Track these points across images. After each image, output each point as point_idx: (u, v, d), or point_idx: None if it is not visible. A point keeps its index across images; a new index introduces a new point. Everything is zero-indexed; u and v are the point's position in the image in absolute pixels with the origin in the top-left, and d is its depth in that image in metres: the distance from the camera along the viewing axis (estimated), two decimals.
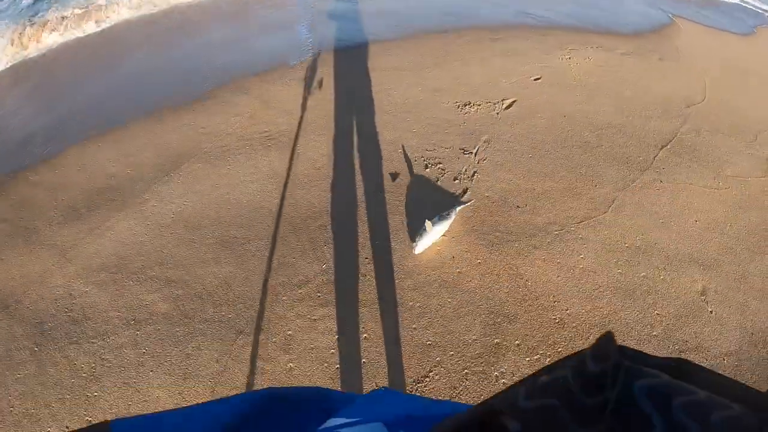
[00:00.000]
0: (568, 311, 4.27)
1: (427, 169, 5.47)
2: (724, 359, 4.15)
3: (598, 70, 7.40)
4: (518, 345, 4.04)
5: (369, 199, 5.18)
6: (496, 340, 4.06)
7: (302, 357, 3.94)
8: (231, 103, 6.80)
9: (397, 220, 4.94)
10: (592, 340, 4.12)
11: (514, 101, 6.56)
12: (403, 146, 5.83)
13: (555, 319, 4.21)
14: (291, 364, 3.90)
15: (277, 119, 6.37)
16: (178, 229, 5.00)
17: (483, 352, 3.99)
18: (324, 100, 6.64)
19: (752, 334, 4.36)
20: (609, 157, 5.73)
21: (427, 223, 4.61)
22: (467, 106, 6.47)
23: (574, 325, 4.19)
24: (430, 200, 5.13)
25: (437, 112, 6.38)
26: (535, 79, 7.07)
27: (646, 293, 4.48)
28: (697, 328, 4.33)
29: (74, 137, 6.58)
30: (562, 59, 7.65)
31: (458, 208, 4.92)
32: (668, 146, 5.99)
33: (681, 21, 9.18)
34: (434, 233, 4.59)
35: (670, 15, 9.41)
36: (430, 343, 4.02)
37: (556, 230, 4.85)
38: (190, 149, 6.00)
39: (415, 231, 4.70)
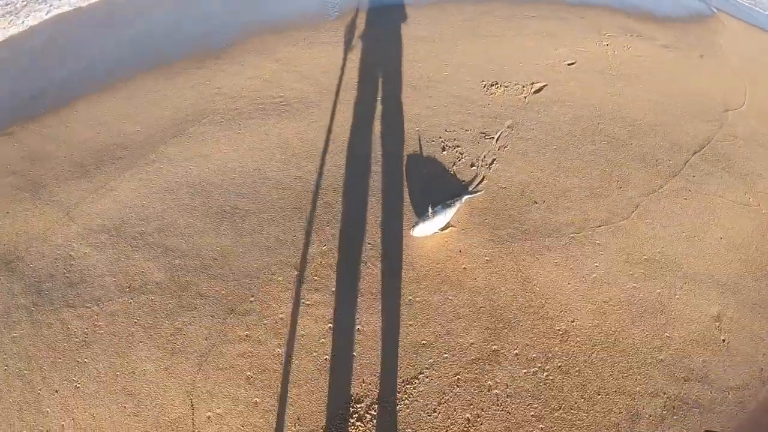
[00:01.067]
0: (574, 323, 3.95)
1: (445, 152, 5.06)
2: (728, 393, 3.85)
3: (636, 61, 6.82)
4: (516, 355, 3.74)
5: (380, 178, 4.82)
6: (494, 347, 3.76)
7: (292, 344, 3.72)
8: (248, 64, 6.33)
9: (407, 203, 4.58)
10: (594, 358, 3.86)
11: (544, 86, 6.04)
12: (422, 125, 5.40)
13: (559, 330, 3.89)
14: (279, 349, 3.68)
15: (294, 84, 5.91)
16: (182, 193, 4.74)
17: (479, 358, 3.69)
18: (346, 67, 6.14)
19: (762, 369, 4.06)
20: (638, 158, 5.28)
21: (430, 210, 4.25)
22: (494, 87, 5.97)
23: (578, 339, 3.87)
24: (442, 185, 4.76)
25: (462, 90, 5.90)
26: (569, 64, 6.52)
27: (659, 312, 4.14)
28: (707, 357, 4.02)
29: (86, 90, 6.33)
30: (599, 45, 7.07)
31: (465, 198, 4.55)
32: (701, 152, 5.52)
33: (725, 16, 8.49)
34: (436, 221, 4.23)
35: (714, 8, 8.72)
36: (425, 342, 3.72)
37: (572, 232, 4.46)
38: (202, 110, 5.61)
39: (420, 216, 4.35)
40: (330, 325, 3.79)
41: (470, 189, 4.69)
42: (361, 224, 4.41)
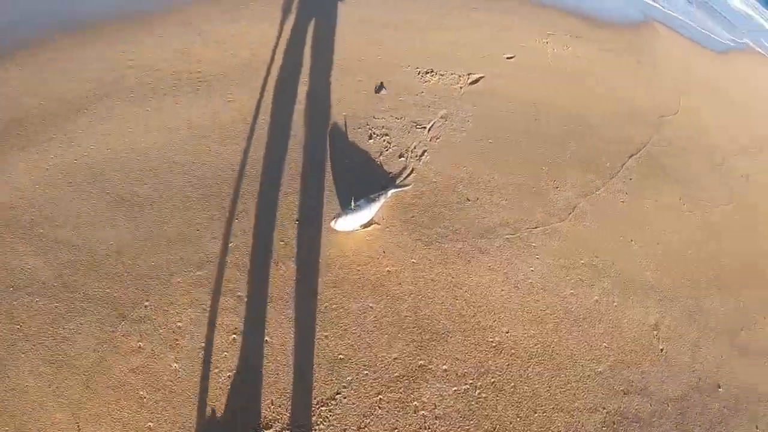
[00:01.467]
0: (509, 333, 3.51)
1: (372, 140, 4.52)
2: (668, 405, 3.57)
3: (575, 61, 6.64)
4: (446, 370, 3.24)
5: (300, 167, 4.21)
6: (420, 362, 3.23)
7: (190, 357, 3.07)
8: (169, 36, 5.54)
9: (327, 196, 4.00)
10: (530, 372, 3.44)
11: (481, 77, 5.66)
12: (349, 109, 4.86)
13: (493, 342, 3.44)
14: (176, 364, 3.01)
15: (215, 60, 5.24)
16: (78, 177, 3.96)
17: (403, 374, 3.16)
18: (273, 45, 5.49)
19: (699, 379, 3.83)
20: (576, 158, 5.00)
21: (353, 203, 3.71)
22: (429, 75, 5.52)
23: (513, 351, 3.44)
24: (367, 176, 4.22)
25: (395, 76, 5.40)
26: (509, 58, 6.19)
27: (597, 321, 3.81)
28: (645, 368, 3.73)
29: None
30: (539, 42, 6.81)
31: (391, 192, 4.03)
32: (637, 155, 5.35)
33: (660, 26, 8.64)
34: (360, 216, 3.68)
35: (652, 18, 8.89)
36: (342, 357, 3.14)
37: (507, 234, 4.06)
38: (112, 83, 4.83)
39: (343, 208, 3.79)
40: (234, 336, 3.13)
41: (398, 182, 4.18)
42: (275, 218, 3.78)
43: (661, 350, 3.90)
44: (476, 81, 5.55)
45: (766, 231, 5.39)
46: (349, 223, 3.62)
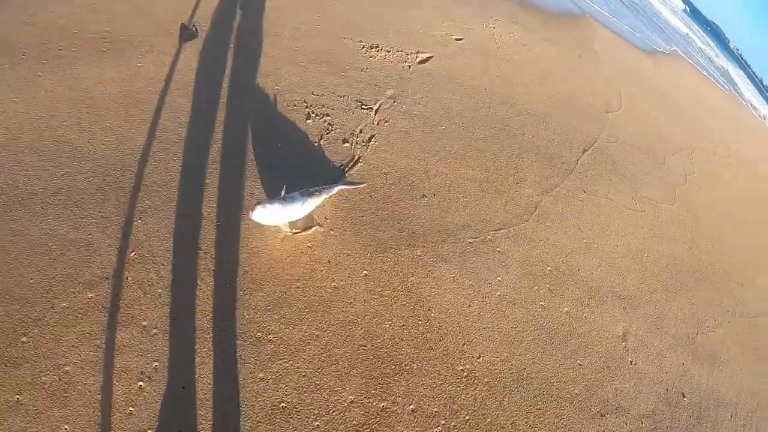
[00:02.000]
0: (480, 359, 2.91)
1: (310, 121, 3.69)
2: (642, 422, 3.20)
3: (521, 50, 6.25)
4: (413, 412, 2.56)
5: (220, 153, 3.30)
6: (382, 404, 2.53)
7: (82, 415, 2.13)
8: None
9: (255, 190, 3.12)
10: (506, 403, 2.87)
11: (430, 57, 5.02)
12: (283, 83, 4.00)
13: (464, 371, 2.81)
14: (66, 425, 2.08)
15: (127, 17, 4.21)
16: None
17: (363, 422, 2.43)
18: (194, 3, 4.46)
19: (667, 390, 3.53)
20: (532, 150, 4.54)
21: (284, 192, 2.91)
22: (374, 50, 4.78)
23: (486, 381, 2.84)
24: (305, 166, 3.41)
25: (336, 47, 4.60)
26: (457, 39, 5.62)
27: (569, 336, 3.34)
28: (618, 384, 3.33)
29: None
30: (485, 26, 6.34)
31: (337, 188, 3.25)
32: (590, 151, 5.02)
33: (596, 23, 8.67)
34: (290, 210, 2.84)
35: (588, 13, 8.91)
36: (285, 405, 2.35)
37: (470, 237, 3.45)
38: (3, 41, 3.54)
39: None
40: (141, 383, 2.21)
41: (346, 176, 3.40)
42: (191, 219, 2.86)
43: (631, 362, 3.53)
44: (425, 60, 4.90)
45: (706, 231, 5.33)
46: (273, 214, 2.76)
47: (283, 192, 2.88)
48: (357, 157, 3.50)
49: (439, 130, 4.15)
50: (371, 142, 3.70)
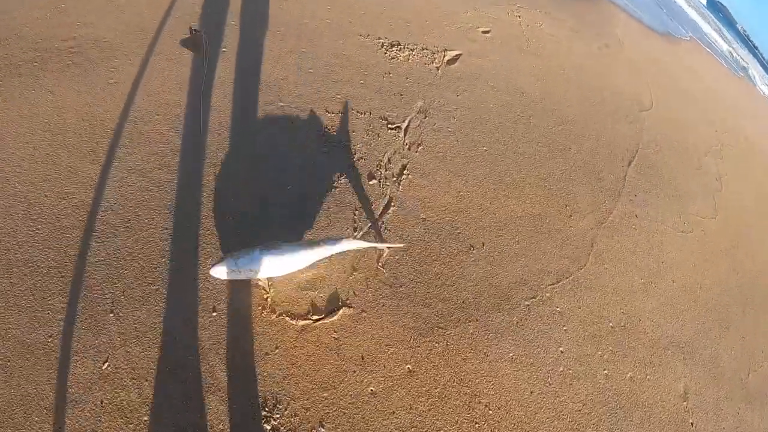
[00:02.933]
0: None
1: (326, 150, 2.82)
2: None
3: (549, 42, 5.35)
4: None
5: (214, 205, 2.45)
6: None
7: None
8: None
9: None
10: None
11: (458, 55, 4.10)
12: (290, 97, 3.09)
13: None
14: None
15: (98, 20, 3.26)
16: None
17: None
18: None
19: None
20: (580, 168, 3.77)
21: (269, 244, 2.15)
22: (395, 48, 3.84)
23: None
24: (326, 216, 2.56)
25: (351, 48, 3.66)
26: (484, 32, 4.68)
27: (633, 407, 2.75)
28: None
29: None
30: (510, 15, 5.39)
31: (356, 245, 2.37)
32: (634, 162, 4.26)
33: (613, 6, 7.71)
34: (271, 262, 2.10)
35: None
36: None
37: (527, 298, 2.72)
38: None
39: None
40: None
41: (377, 231, 2.55)
42: (180, 309, 2.08)
43: (692, 424, 2.98)
44: (454, 59, 3.98)
45: (746, 245, 4.71)
46: (244, 267, 2.05)
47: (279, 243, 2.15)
48: (388, 199, 2.67)
49: (480, 152, 3.32)
50: (403, 176, 2.86)
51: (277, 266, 2.10)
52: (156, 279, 2.11)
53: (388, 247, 2.46)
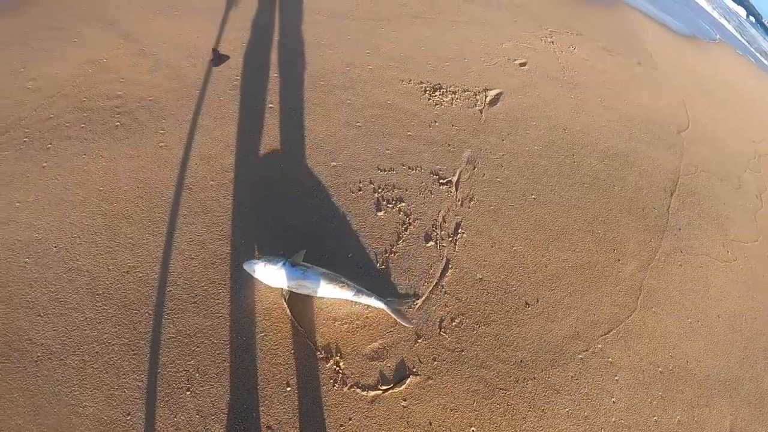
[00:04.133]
0: None
1: (381, 213, 2.83)
2: None
3: (584, 67, 5.22)
4: None
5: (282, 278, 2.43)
6: None
7: None
8: (83, 39, 3.49)
9: (337, 336, 2.35)
10: None
11: (499, 93, 4.04)
12: (340, 155, 3.08)
13: None
14: None
15: (143, 76, 3.28)
16: None
17: None
18: (222, 50, 3.49)
19: None
20: (624, 205, 3.69)
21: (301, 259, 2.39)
22: (438, 93, 3.79)
23: None
24: (390, 284, 2.57)
25: (395, 96, 3.63)
26: (521, 65, 4.60)
27: None
28: None
29: None
30: (545, 42, 5.26)
31: (377, 305, 2.40)
32: (676, 192, 4.12)
33: (638, 14, 7.38)
34: (299, 283, 2.32)
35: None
36: None
37: (580, 351, 2.70)
38: (3, 118, 2.74)
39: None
40: None
41: (392, 299, 2.45)
42: (251, 384, 2.13)
43: None
44: (496, 99, 3.92)
45: None
46: (274, 276, 2.29)
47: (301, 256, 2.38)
48: (446, 261, 2.67)
49: (530, 202, 3.28)
50: (458, 235, 2.86)
51: (291, 282, 2.29)
52: (229, 355, 2.18)
53: (399, 321, 2.44)
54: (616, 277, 3.14)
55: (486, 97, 3.96)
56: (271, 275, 2.26)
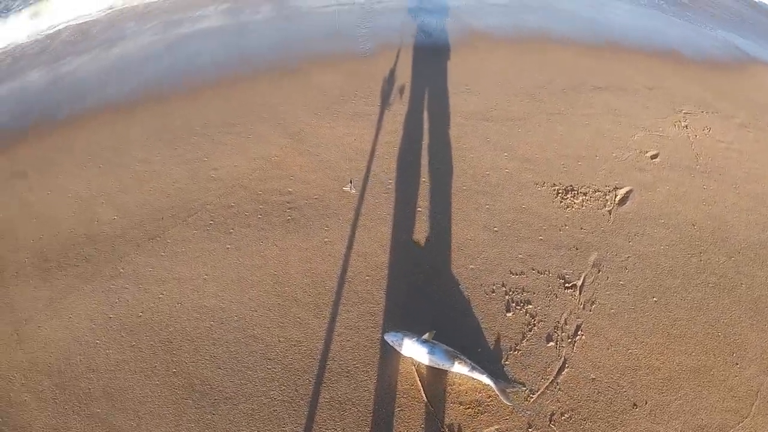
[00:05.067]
0: None
1: (510, 314, 3.38)
2: None
3: (720, 150, 4.99)
4: None
5: (431, 372, 3.09)
6: None
7: None
8: (255, 137, 4.55)
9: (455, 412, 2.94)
10: None
11: (629, 192, 4.26)
12: (478, 259, 3.60)
13: None
14: None
15: (308, 174, 4.16)
16: (143, 340, 3.11)
17: None
18: (377, 153, 4.35)
19: None
20: (750, 306, 3.69)
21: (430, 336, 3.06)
22: (570, 195, 4.16)
23: None
24: (502, 374, 3.08)
25: (529, 200, 4.07)
26: (652, 157, 4.66)
27: None
28: None
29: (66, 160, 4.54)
30: (678, 127, 5.15)
31: (487, 381, 2.95)
32: None
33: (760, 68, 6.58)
34: (431, 358, 2.99)
35: (745, 54, 6.85)
36: None
37: None
38: (191, 201, 3.96)
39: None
40: None
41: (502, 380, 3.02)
42: None
43: None
44: (625, 198, 4.17)
45: None
46: (408, 347, 3.00)
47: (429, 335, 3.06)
48: (563, 360, 3.17)
49: (650, 304, 3.54)
50: (577, 337, 3.31)
51: (420, 354, 2.97)
52: (371, 423, 2.80)
53: (501, 397, 2.94)
54: (730, 383, 3.29)
55: (616, 196, 4.20)
56: (405, 346, 2.99)
